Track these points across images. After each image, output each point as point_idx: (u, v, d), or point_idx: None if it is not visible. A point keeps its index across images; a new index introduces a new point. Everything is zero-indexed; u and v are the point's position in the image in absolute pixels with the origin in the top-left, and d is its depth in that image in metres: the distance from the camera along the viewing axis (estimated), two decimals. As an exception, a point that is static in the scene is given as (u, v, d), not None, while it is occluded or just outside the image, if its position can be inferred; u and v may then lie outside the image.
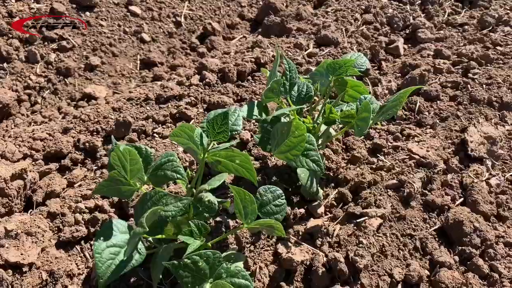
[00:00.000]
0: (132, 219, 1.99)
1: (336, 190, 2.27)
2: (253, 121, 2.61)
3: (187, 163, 2.27)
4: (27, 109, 3.32)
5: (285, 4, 4.87)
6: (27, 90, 3.38)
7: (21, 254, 1.80)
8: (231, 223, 2.02)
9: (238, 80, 2.83)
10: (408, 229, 2.06)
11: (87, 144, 2.32)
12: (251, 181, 1.76)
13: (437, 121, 2.73)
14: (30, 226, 1.87)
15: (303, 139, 1.83)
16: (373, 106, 2.02)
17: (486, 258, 1.93)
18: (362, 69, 2.22)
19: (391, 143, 2.59)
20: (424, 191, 2.22)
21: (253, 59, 2.95)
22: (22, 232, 1.85)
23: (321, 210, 2.17)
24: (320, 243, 1.98)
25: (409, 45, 3.53)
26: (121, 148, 1.32)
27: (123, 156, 1.36)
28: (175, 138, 1.73)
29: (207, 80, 2.74)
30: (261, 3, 4.82)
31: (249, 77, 2.87)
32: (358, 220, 2.02)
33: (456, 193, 2.24)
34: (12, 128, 3.05)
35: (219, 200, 1.85)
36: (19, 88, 3.38)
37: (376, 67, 3.30)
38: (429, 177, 2.28)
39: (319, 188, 2.25)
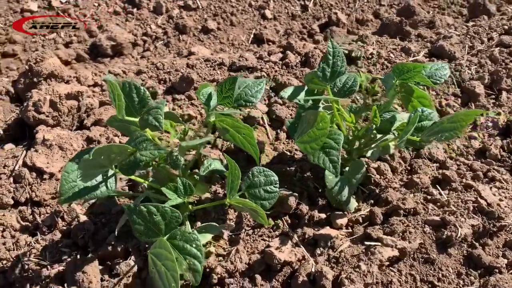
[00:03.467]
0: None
1: (371, 208, 2.00)
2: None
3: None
4: (139, 53, 3.61)
5: (431, 12, 4.44)
6: (144, 37, 3.68)
7: (48, 162, 1.98)
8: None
9: (320, 68, 2.67)
10: (432, 276, 1.73)
11: (150, 89, 2.43)
12: (254, 157, 1.65)
13: (538, 173, 2.22)
14: (65, 142, 2.04)
15: (325, 133, 1.64)
16: (425, 123, 1.72)
17: None
18: (438, 82, 1.90)
19: (466, 180, 2.18)
20: (475, 243, 1.83)
21: (346, 51, 2.74)
22: (56, 144, 2.02)
23: (342, 222, 1.94)
24: (319, 252, 1.78)
25: (549, 82, 2.90)
26: (107, 78, 1.34)
27: (112, 89, 1.37)
28: (199, 95, 1.71)
29: (287, 60, 2.63)
30: (403, 4, 4.47)
31: (334, 68, 2.68)
32: (369, 243, 1.76)
33: (518, 259, 1.80)
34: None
35: (222, 169, 1.78)
36: (138, 33, 3.70)
37: (493, 96, 2.80)
38: (486, 229, 1.87)
39: (352, 199, 2.02)
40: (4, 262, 1.75)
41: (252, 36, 3.89)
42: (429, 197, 2.08)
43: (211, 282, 1.65)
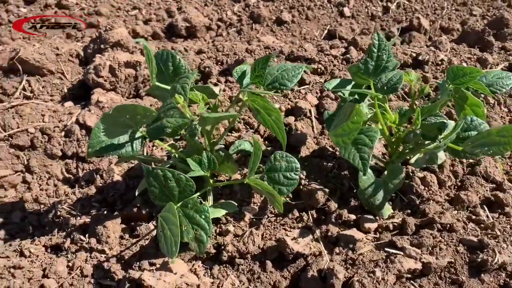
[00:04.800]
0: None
1: (403, 217, 1.88)
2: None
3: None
4: (211, 37, 3.70)
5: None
6: (219, 22, 3.77)
7: (97, 122, 2.10)
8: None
9: (381, 67, 2.56)
10: (457, 299, 1.59)
11: (206, 68, 2.49)
12: (280, 141, 1.62)
13: None
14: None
15: (358, 127, 1.57)
16: (473, 133, 1.58)
17: None
18: (498, 91, 1.73)
19: (522, 206, 1.98)
20: (515, 273, 1.65)
21: (414, 54, 2.60)
22: (108, 107, 2.14)
23: (371, 226, 1.84)
24: (338, 251, 1.71)
25: None
26: (141, 41, 1.39)
27: (147, 52, 1.42)
28: (235, 72, 1.72)
29: (348, 55, 2.55)
30: (496, 16, 4.14)
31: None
32: (391, 251, 1.66)
33: None
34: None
35: (249, 150, 1.77)
36: (214, 18, 3.79)
37: None
38: (531, 261, 1.67)
39: (388, 205, 1.92)
40: (42, 206, 1.90)
41: (325, 32, 3.82)
42: (473, 217, 1.91)
43: (221, 259, 1.65)
